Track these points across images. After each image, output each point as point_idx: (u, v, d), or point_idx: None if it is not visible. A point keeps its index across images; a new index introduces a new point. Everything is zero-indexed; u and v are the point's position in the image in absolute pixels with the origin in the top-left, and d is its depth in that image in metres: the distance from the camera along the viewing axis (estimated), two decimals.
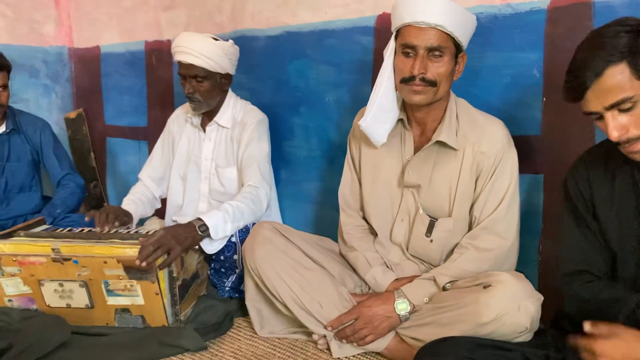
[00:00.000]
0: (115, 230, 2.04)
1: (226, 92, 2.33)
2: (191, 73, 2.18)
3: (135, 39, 3.22)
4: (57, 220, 2.50)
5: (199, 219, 1.94)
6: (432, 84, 1.61)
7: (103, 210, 2.10)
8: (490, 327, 1.45)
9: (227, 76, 2.28)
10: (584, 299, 1.38)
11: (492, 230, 1.65)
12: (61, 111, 3.72)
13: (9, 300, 1.86)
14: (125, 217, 2.16)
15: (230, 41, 2.25)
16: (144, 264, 1.71)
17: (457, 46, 1.62)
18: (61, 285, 1.81)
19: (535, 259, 1.84)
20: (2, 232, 1.99)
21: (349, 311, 1.72)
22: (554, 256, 1.77)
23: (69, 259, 1.76)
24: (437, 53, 1.59)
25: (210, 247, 2.00)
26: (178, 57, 2.19)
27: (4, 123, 2.63)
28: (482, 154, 1.65)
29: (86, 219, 2.12)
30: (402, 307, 1.66)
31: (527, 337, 1.48)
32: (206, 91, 2.21)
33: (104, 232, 2.00)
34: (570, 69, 1.22)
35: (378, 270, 1.79)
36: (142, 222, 2.73)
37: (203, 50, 2.14)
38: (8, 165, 2.65)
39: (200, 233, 1.90)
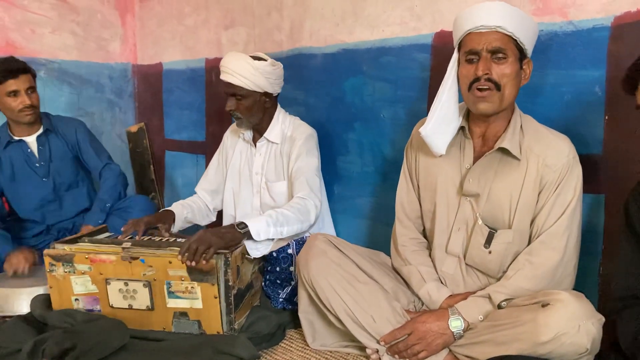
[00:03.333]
0: (174, 239, 2.11)
1: (269, 109, 2.36)
2: (231, 91, 2.26)
3: (196, 57, 3.34)
4: (111, 210, 2.66)
5: (239, 221, 1.98)
6: (497, 86, 1.60)
7: (138, 221, 2.16)
8: (549, 346, 1.41)
9: (268, 95, 2.32)
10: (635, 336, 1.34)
11: (550, 245, 1.62)
12: (123, 125, 3.88)
13: (76, 300, 1.95)
14: (159, 223, 2.22)
15: (270, 60, 2.29)
16: (193, 263, 1.78)
17: (521, 51, 1.62)
18: (126, 284, 1.90)
19: (596, 280, 1.79)
20: (68, 238, 2.09)
21: (402, 326, 1.72)
22: None
23: (137, 258, 1.86)
24: (500, 55, 1.59)
25: (256, 251, 2.02)
26: (221, 75, 2.28)
27: (41, 126, 2.76)
28: (547, 167, 1.63)
29: (122, 229, 2.18)
30: (456, 324, 1.64)
31: (587, 359, 1.45)
32: (245, 109, 2.28)
33: (163, 239, 2.08)
34: (635, 60, 1.27)
35: (432, 286, 1.78)
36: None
37: (239, 70, 2.21)
38: (52, 165, 2.78)
39: (239, 230, 1.93)
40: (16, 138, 2.73)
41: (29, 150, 2.74)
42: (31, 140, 2.75)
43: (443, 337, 1.65)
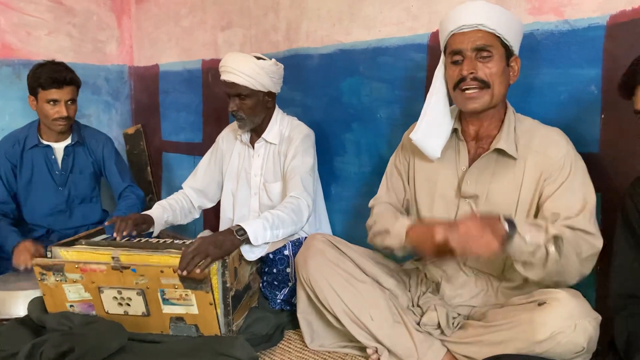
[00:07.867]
0: (171, 240, 2.11)
1: (270, 109, 2.37)
2: (235, 91, 2.25)
3: (192, 58, 3.34)
4: None
5: (237, 225, 1.95)
6: (485, 84, 1.60)
7: (124, 218, 2.15)
8: (545, 345, 1.41)
9: (270, 94, 2.32)
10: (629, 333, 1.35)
11: (590, 232, 1.52)
12: (120, 127, 3.87)
13: (71, 306, 1.94)
14: (144, 225, 2.21)
15: (273, 60, 2.30)
16: (184, 272, 1.74)
17: (507, 48, 1.62)
18: (120, 292, 1.88)
19: (593, 278, 1.79)
20: (65, 240, 2.09)
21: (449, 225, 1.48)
22: None
23: (128, 267, 1.82)
24: (485, 54, 1.60)
25: (251, 254, 2.01)
26: (223, 76, 2.26)
27: (70, 136, 2.76)
28: (549, 159, 1.61)
29: (106, 223, 2.17)
30: (505, 225, 1.41)
31: (584, 358, 1.45)
32: (249, 109, 2.27)
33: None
34: (629, 66, 1.26)
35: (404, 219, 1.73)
36: (194, 235, 2.81)
37: (244, 69, 2.20)
38: (71, 177, 2.78)
39: (238, 237, 1.91)
40: (44, 142, 2.73)
41: (53, 157, 2.73)
42: (58, 147, 2.75)
43: (493, 226, 1.40)
